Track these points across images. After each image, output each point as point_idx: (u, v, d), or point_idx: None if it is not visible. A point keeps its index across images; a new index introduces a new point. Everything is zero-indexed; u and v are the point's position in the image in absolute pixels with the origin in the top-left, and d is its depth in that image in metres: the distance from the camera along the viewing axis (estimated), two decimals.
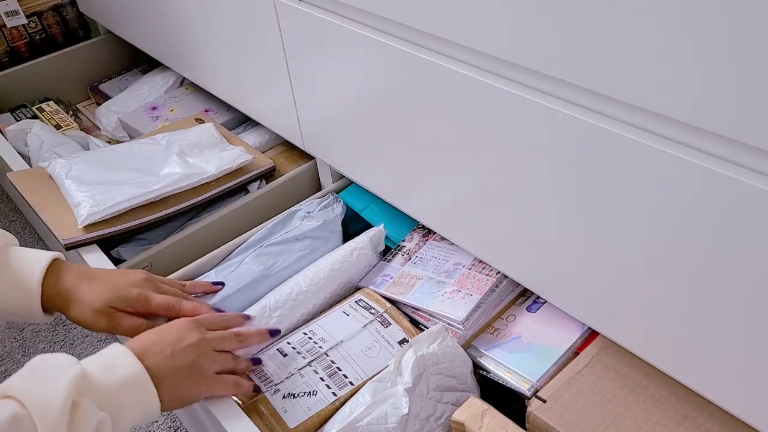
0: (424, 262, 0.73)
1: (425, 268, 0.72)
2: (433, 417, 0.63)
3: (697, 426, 0.57)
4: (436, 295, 0.68)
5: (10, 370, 1.09)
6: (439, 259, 0.73)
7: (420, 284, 0.70)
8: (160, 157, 0.92)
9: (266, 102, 0.92)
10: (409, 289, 0.70)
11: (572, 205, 0.54)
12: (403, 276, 0.72)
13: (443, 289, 0.68)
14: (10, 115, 1.25)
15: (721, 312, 0.47)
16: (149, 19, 1.11)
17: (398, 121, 0.68)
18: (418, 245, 0.76)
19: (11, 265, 0.63)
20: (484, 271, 0.69)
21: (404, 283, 0.71)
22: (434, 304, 0.67)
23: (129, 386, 0.52)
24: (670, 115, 0.42)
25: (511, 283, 0.70)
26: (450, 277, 0.69)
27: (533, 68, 0.49)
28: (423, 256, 0.74)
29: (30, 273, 0.63)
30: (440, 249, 0.74)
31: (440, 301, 0.67)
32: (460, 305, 0.67)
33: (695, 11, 0.37)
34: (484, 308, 0.67)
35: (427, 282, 0.70)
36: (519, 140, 0.55)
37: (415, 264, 0.73)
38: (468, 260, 0.71)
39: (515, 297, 0.71)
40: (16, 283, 0.63)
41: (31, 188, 0.89)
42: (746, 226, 0.42)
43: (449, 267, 0.71)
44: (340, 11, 0.67)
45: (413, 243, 0.77)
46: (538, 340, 0.67)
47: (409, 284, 0.70)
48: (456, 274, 0.70)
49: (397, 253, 0.77)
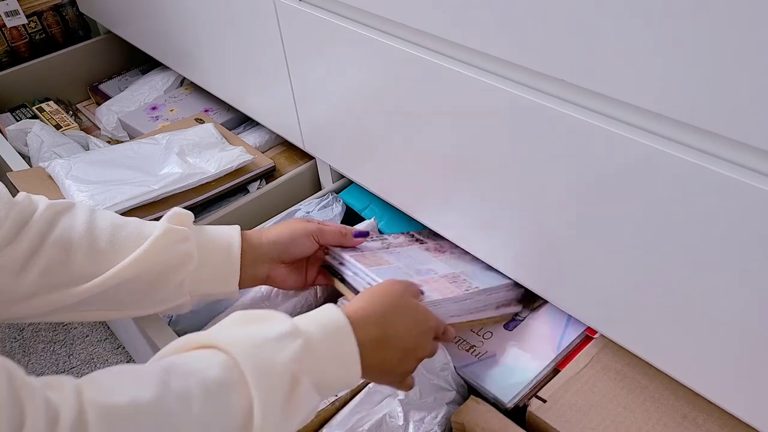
0: (400, 256, 0.70)
1: (398, 259, 0.69)
2: (428, 417, 0.63)
3: (697, 426, 0.57)
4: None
5: None
6: (416, 261, 0.70)
7: (388, 267, 0.66)
8: (160, 157, 0.92)
9: (266, 102, 0.92)
10: (374, 265, 0.66)
11: (572, 204, 0.54)
12: (375, 255, 0.69)
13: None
14: (10, 115, 1.25)
15: (721, 312, 0.47)
16: (149, 19, 1.11)
17: (398, 121, 0.68)
18: (401, 243, 0.74)
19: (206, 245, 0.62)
20: (455, 283, 0.66)
21: (372, 260, 0.67)
22: None
23: (339, 366, 0.49)
24: (669, 115, 0.42)
25: (489, 302, 0.67)
26: (419, 275, 0.66)
27: (533, 68, 0.49)
28: (402, 251, 0.71)
29: (227, 247, 0.63)
30: (420, 253, 0.72)
31: None
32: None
33: (696, 11, 0.38)
34: (436, 309, 0.62)
35: (395, 270, 0.66)
36: (519, 139, 0.55)
37: (390, 252, 0.70)
38: (443, 271, 0.68)
39: (494, 317, 0.69)
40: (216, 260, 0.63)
41: (31, 188, 0.88)
42: (746, 226, 0.42)
43: (422, 269, 0.68)
44: (340, 11, 0.67)
45: (397, 240, 0.74)
46: (513, 359, 0.66)
47: (378, 263, 0.67)
48: (426, 275, 0.67)
49: (377, 240, 0.74)
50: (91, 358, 1.10)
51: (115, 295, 0.59)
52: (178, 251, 0.60)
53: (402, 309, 0.55)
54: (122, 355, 1.09)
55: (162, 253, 0.59)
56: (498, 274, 0.70)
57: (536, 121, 0.52)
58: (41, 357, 1.11)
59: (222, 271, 0.63)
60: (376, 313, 0.53)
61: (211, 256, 0.62)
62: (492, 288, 0.67)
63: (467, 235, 0.69)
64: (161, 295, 0.61)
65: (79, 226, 0.58)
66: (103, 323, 1.15)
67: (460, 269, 0.70)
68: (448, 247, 0.76)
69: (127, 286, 0.58)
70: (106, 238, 0.59)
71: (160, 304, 0.61)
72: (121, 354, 1.09)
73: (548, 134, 0.52)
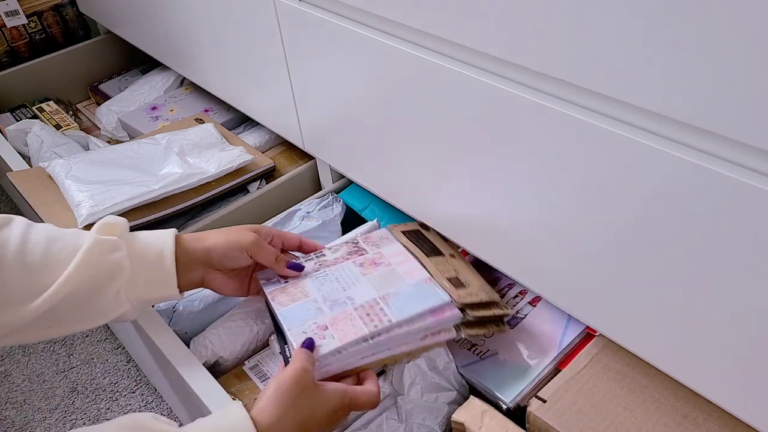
0: (326, 280, 0.68)
1: (320, 287, 0.67)
2: (429, 418, 0.63)
3: (697, 426, 0.57)
4: (305, 322, 0.63)
5: (10, 370, 1.09)
6: (340, 285, 0.67)
7: (302, 303, 0.65)
8: (160, 157, 0.92)
9: (266, 102, 0.92)
10: (290, 303, 0.65)
11: (572, 203, 0.54)
12: (296, 285, 0.67)
13: (315, 320, 0.63)
14: (10, 115, 1.25)
15: (721, 312, 0.47)
16: (149, 19, 1.11)
17: (398, 121, 0.68)
18: (336, 260, 0.71)
19: (138, 251, 0.62)
20: (369, 317, 0.62)
21: (291, 294, 0.66)
22: (296, 332, 0.61)
23: None
24: (670, 115, 0.42)
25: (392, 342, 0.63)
26: (332, 309, 0.64)
27: (533, 68, 0.49)
28: (330, 273, 0.69)
29: (159, 253, 0.62)
30: (350, 274, 0.68)
31: (302, 331, 0.61)
32: (315, 345, 0.61)
33: (697, 12, 0.38)
34: (342, 356, 0.60)
35: (310, 304, 0.65)
36: (519, 139, 0.55)
37: (316, 278, 0.68)
38: (362, 299, 0.65)
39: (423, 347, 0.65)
40: (149, 267, 0.62)
41: (31, 188, 0.89)
42: (746, 226, 0.42)
43: (340, 298, 0.65)
44: (340, 11, 0.67)
45: (335, 255, 0.72)
46: (514, 357, 0.66)
47: (293, 297, 0.66)
48: (339, 308, 0.64)
49: (314, 259, 0.72)
50: (91, 358, 1.10)
51: (55, 312, 0.58)
52: (109, 262, 0.59)
53: (313, 404, 0.54)
54: (122, 354, 1.09)
55: (93, 266, 0.58)
56: (434, 292, 0.64)
57: (536, 121, 0.52)
58: (41, 357, 1.11)
59: (157, 276, 0.62)
60: (291, 410, 0.52)
61: (144, 263, 0.61)
62: (407, 320, 0.62)
63: (467, 233, 0.69)
64: (99, 307, 0.60)
65: (14, 241, 0.57)
66: None
67: (386, 290, 0.65)
68: (388, 257, 0.70)
69: (65, 302, 0.58)
70: (40, 251, 0.58)
71: (100, 316, 0.61)
72: (121, 354, 1.09)
73: (548, 134, 0.52)
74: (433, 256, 0.71)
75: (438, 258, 0.71)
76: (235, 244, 0.65)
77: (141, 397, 1.02)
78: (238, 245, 0.65)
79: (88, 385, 1.05)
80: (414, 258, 0.69)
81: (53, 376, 1.08)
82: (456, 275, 0.68)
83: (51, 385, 1.06)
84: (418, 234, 0.75)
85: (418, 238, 0.74)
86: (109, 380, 1.06)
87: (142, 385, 1.04)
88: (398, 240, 0.73)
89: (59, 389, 1.05)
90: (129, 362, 1.08)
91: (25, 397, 1.05)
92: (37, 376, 1.08)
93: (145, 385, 1.04)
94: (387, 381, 0.64)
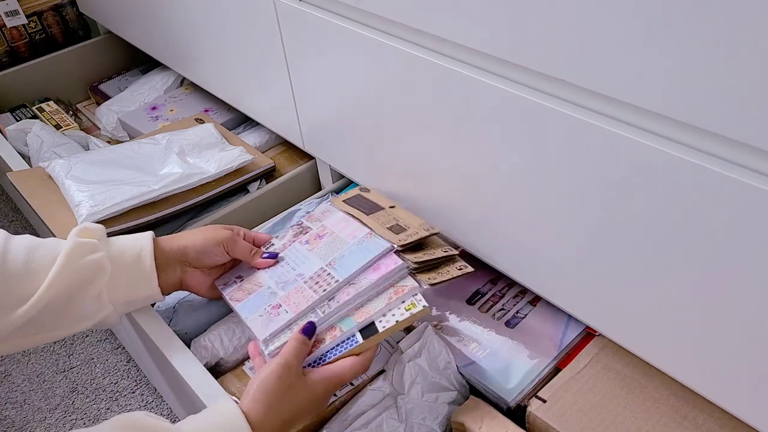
0: (275, 269, 0.70)
1: (272, 274, 0.69)
2: (429, 417, 0.63)
3: (697, 426, 0.57)
4: (261, 307, 0.65)
5: (10, 370, 1.09)
6: (289, 267, 0.69)
7: (257, 293, 0.68)
8: (160, 157, 0.92)
9: (266, 102, 0.92)
10: (246, 296, 0.68)
11: (572, 203, 0.54)
12: (251, 281, 0.70)
13: (271, 302, 0.65)
14: (10, 115, 1.25)
15: (721, 312, 0.47)
16: (149, 19, 1.11)
17: (398, 121, 0.68)
18: (285, 246, 0.73)
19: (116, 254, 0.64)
20: (318, 284, 0.65)
21: (247, 289, 0.69)
22: (252, 318, 0.64)
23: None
24: (669, 115, 0.42)
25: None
26: (284, 289, 0.66)
27: (533, 68, 0.49)
28: (281, 258, 0.71)
29: (138, 256, 0.64)
30: (297, 254, 0.71)
31: (258, 315, 0.64)
32: (270, 324, 0.64)
33: (697, 12, 0.38)
34: (322, 312, 0.63)
35: (264, 291, 0.67)
36: (519, 138, 0.55)
37: (268, 268, 0.71)
38: (310, 271, 0.67)
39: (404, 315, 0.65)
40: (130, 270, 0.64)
41: (31, 188, 0.89)
42: (746, 226, 0.42)
43: (291, 277, 0.68)
44: (340, 11, 0.67)
45: (281, 243, 0.74)
46: (514, 357, 0.66)
47: (250, 291, 0.68)
48: (291, 286, 0.67)
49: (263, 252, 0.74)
50: (91, 358, 1.10)
51: (39, 318, 0.59)
52: (90, 263, 0.61)
53: (297, 397, 0.56)
54: (122, 354, 1.09)
55: (75, 268, 0.60)
56: (375, 243, 0.66)
57: (537, 122, 0.52)
58: (41, 357, 1.11)
59: (138, 276, 0.64)
60: (276, 407, 0.54)
61: (123, 264, 0.63)
62: (352, 275, 0.64)
63: (468, 233, 0.69)
64: (82, 310, 0.61)
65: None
66: None
67: (332, 257, 0.68)
68: (330, 227, 0.73)
69: (49, 306, 0.59)
70: (21, 260, 0.59)
71: (83, 319, 0.62)
72: (121, 354, 1.09)
73: (548, 134, 0.52)
74: (374, 213, 0.73)
75: (378, 213, 0.73)
76: (212, 240, 0.67)
77: (141, 397, 1.02)
78: (215, 240, 0.67)
79: (88, 385, 1.05)
80: (355, 220, 0.72)
81: (53, 376, 1.08)
82: (396, 222, 0.70)
83: (51, 385, 1.06)
84: (359, 198, 0.77)
85: (359, 202, 0.76)
86: (109, 380, 1.06)
87: (142, 385, 1.04)
88: (340, 210, 0.75)
89: (59, 389, 1.05)
90: (129, 362, 1.08)
91: (25, 397, 1.05)
92: (37, 376, 1.08)
93: (145, 385, 1.04)
94: (387, 381, 0.64)
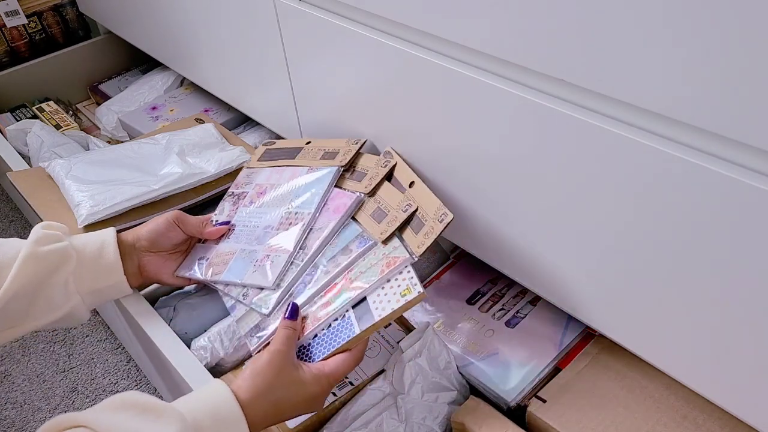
0: (237, 235, 0.72)
1: (238, 240, 0.71)
2: (429, 417, 0.63)
3: (697, 426, 0.57)
4: (248, 266, 0.67)
5: (10, 370, 1.09)
6: (250, 227, 0.72)
7: (234, 259, 0.69)
8: (160, 157, 0.92)
9: (266, 102, 0.92)
10: (224, 267, 0.69)
11: (571, 203, 0.54)
12: (218, 255, 0.71)
13: (255, 258, 0.67)
14: (10, 115, 1.26)
15: (721, 312, 0.47)
16: (149, 19, 1.11)
17: (398, 121, 0.67)
18: (229, 215, 0.75)
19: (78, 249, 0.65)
20: (291, 223, 0.68)
21: (219, 263, 0.70)
22: (247, 276, 0.66)
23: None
24: (669, 115, 0.42)
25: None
26: (260, 242, 0.69)
27: (534, 68, 0.49)
28: (234, 227, 0.74)
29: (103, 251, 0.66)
30: (250, 215, 0.73)
31: (252, 272, 0.66)
32: (269, 270, 0.66)
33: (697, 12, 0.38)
34: (300, 261, 0.64)
35: (240, 255, 0.69)
36: (519, 138, 0.55)
37: (228, 239, 0.72)
38: (276, 219, 0.70)
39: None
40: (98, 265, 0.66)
41: (31, 188, 0.89)
42: (746, 226, 0.42)
43: (260, 233, 0.70)
44: (340, 11, 0.67)
45: (224, 214, 0.76)
46: (514, 357, 0.66)
47: (223, 262, 0.70)
48: (266, 238, 0.69)
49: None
50: (91, 358, 1.10)
51: (6, 312, 0.60)
52: (55, 251, 0.63)
53: (287, 385, 0.55)
54: (122, 354, 1.09)
55: (39, 257, 0.61)
56: (324, 170, 0.72)
57: (537, 122, 0.52)
58: (41, 357, 1.11)
59: (102, 264, 0.66)
60: (266, 391, 0.54)
61: (87, 254, 0.65)
62: (319, 205, 0.68)
63: (468, 233, 0.69)
64: (50, 301, 0.62)
65: None
66: (103, 323, 1.15)
67: (288, 199, 0.71)
68: (266, 182, 0.76)
69: (16, 298, 0.60)
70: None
71: (51, 311, 0.63)
72: (121, 354, 1.09)
73: (548, 133, 0.52)
74: (296, 155, 0.77)
75: (300, 153, 0.78)
76: (162, 221, 0.71)
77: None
78: (165, 220, 0.70)
79: (88, 385, 1.05)
80: (283, 167, 0.76)
81: (53, 376, 1.08)
82: (324, 150, 0.76)
83: (51, 385, 1.06)
84: (270, 152, 0.81)
85: (273, 154, 0.80)
86: (109, 380, 1.06)
87: (142, 385, 1.04)
88: (261, 167, 0.78)
89: (59, 389, 1.05)
90: (129, 362, 1.08)
91: (25, 397, 1.05)
92: (37, 376, 1.08)
93: (145, 385, 1.04)
94: (387, 380, 0.64)
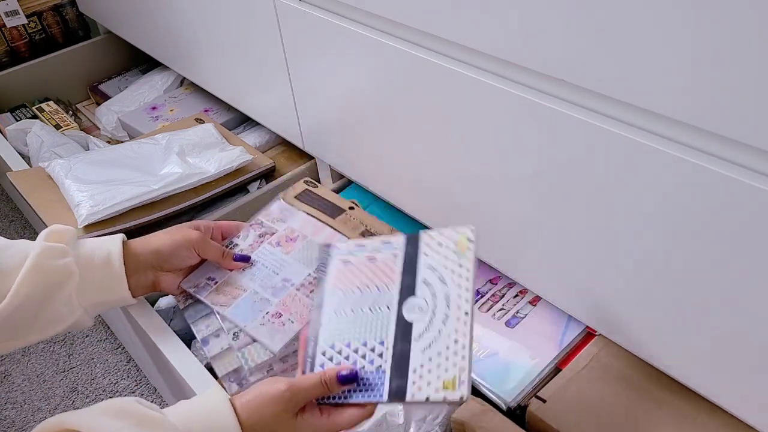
0: (253, 272, 0.69)
1: (253, 278, 0.68)
2: (430, 417, 0.63)
3: (697, 426, 0.57)
4: (257, 314, 0.64)
5: (10, 370, 1.09)
6: (270, 270, 0.68)
7: (243, 297, 0.66)
8: (159, 157, 0.92)
9: (266, 102, 0.92)
10: (231, 301, 0.66)
11: (571, 203, 0.54)
12: (228, 283, 0.68)
13: (266, 309, 0.64)
14: (10, 115, 1.25)
15: (721, 312, 0.47)
16: (149, 19, 1.11)
17: (398, 121, 0.68)
18: (251, 246, 0.71)
19: (85, 257, 0.63)
20: (310, 292, 0.65)
21: (227, 293, 0.67)
22: (254, 326, 0.63)
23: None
24: (669, 115, 0.42)
25: None
26: (276, 295, 0.65)
27: (532, 68, 0.49)
28: (253, 263, 0.70)
29: (108, 258, 0.64)
30: (273, 257, 0.69)
31: (260, 323, 0.63)
32: (278, 333, 0.63)
33: (697, 12, 0.38)
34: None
35: (251, 296, 0.66)
36: (519, 138, 0.55)
37: (243, 271, 0.69)
38: (299, 278, 0.67)
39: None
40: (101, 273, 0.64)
41: (31, 188, 0.89)
42: (746, 227, 0.42)
43: (277, 282, 0.67)
44: (340, 11, 0.67)
45: (246, 243, 0.72)
46: (515, 357, 0.66)
47: (232, 295, 0.67)
48: (282, 293, 0.66)
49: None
50: (91, 358, 1.10)
51: (11, 322, 0.59)
52: (58, 267, 0.60)
53: (286, 426, 0.51)
54: (122, 354, 1.09)
55: (43, 272, 0.59)
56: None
57: (537, 121, 0.52)
58: (41, 357, 1.11)
59: (107, 279, 0.63)
60: (263, 423, 0.50)
61: (92, 267, 0.63)
62: None
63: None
64: (53, 313, 0.61)
65: None
66: (103, 323, 1.15)
67: (315, 263, 0.67)
68: (299, 230, 0.73)
69: (20, 310, 0.59)
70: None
71: (55, 323, 0.62)
72: (121, 354, 1.09)
73: (548, 133, 0.52)
74: (337, 216, 0.75)
75: (342, 216, 0.75)
76: (182, 243, 0.67)
77: (141, 397, 1.02)
78: (185, 244, 0.67)
79: (88, 385, 1.05)
80: (322, 224, 0.73)
81: (53, 376, 1.08)
82: (365, 228, 0.73)
83: (51, 385, 1.06)
84: (311, 195, 0.79)
85: (313, 200, 0.77)
86: (109, 380, 1.06)
87: (142, 385, 1.04)
88: (298, 209, 0.76)
89: (59, 389, 1.05)
90: (129, 362, 1.08)
91: (25, 397, 1.05)
92: (37, 376, 1.08)
93: (145, 385, 1.04)
94: None
